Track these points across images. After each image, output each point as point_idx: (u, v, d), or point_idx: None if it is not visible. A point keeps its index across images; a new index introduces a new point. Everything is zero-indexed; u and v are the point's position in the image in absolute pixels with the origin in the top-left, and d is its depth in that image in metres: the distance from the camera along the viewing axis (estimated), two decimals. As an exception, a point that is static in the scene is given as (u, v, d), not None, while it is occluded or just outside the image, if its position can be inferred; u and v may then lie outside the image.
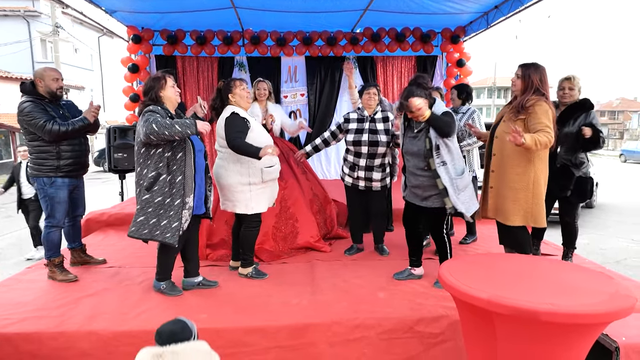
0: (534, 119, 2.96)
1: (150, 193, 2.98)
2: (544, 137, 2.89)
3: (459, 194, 3.17)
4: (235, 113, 3.30)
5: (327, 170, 8.17)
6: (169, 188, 2.99)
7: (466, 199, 3.22)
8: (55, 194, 3.48)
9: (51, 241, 3.53)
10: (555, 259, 3.65)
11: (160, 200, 2.99)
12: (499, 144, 3.17)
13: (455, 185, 3.16)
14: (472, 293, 1.91)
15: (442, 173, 3.14)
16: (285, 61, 7.71)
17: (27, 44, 21.68)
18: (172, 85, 3.12)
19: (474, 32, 7.28)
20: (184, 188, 3.00)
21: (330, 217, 4.70)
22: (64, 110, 3.57)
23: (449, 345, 2.78)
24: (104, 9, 6.22)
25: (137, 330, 2.69)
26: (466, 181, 3.25)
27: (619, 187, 13.99)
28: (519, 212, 3.08)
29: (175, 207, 2.99)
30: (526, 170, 3.06)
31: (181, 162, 3.01)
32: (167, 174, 2.98)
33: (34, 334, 2.67)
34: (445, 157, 3.14)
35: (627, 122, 46.34)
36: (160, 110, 3.00)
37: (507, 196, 3.11)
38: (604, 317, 1.80)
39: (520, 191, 3.07)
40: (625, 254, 6.78)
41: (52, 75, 3.47)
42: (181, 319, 2.01)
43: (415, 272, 3.54)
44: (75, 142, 3.56)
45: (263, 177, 3.40)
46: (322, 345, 2.73)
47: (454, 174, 3.16)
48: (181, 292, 3.20)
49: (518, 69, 3.10)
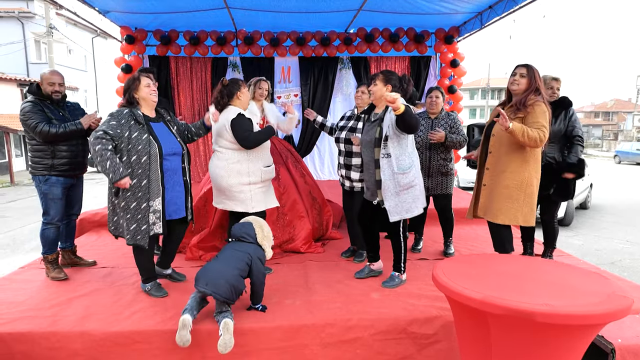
0: (531, 118, 2.99)
1: (118, 198, 3.02)
2: (534, 131, 2.92)
3: (399, 191, 3.14)
4: (241, 114, 3.34)
5: (321, 171, 8.17)
6: (133, 192, 2.99)
7: (408, 199, 3.17)
8: (49, 191, 3.53)
9: (47, 238, 3.58)
10: (551, 260, 3.65)
11: (125, 205, 3.01)
12: (496, 142, 3.17)
13: (395, 180, 3.13)
14: (466, 293, 1.89)
15: (383, 164, 3.14)
16: (279, 62, 7.70)
17: (21, 45, 21.57)
18: (146, 85, 3.10)
19: (467, 33, 7.29)
20: (149, 191, 2.99)
21: (326, 221, 4.68)
22: (64, 111, 3.64)
23: (442, 346, 2.77)
24: (98, 9, 6.19)
25: (129, 331, 2.68)
26: (410, 180, 3.16)
27: (614, 188, 14.06)
28: (509, 211, 3.10)
29: (142, 211, 3.00)
30: (521, 170, 3.08)
31: (146, 166, 2.98)
32: (132, 179, 2.97)
33: (27, 333, 2.66)
34: (391, 150, 3.12)
35: (622, 123, 46.63)
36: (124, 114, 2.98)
37: (499, 194, 3.12)
38: (601, 318, 1.78)
39: (513, 190, 3.08)
40: (620, 255, 6.80)
41: (49, 79, 3.56)
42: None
43: (374, 267, 3.56)
44: (72, 142, 3.59)
45: (262, 176, 3.42)
46: (315, 347, 2.71)
47: (397, 169, 3.12)
48: (166, 293, 3.19)
49: (521, 68, 3.10)
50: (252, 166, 3.37)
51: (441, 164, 4.03)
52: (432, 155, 4.03)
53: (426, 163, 4.01)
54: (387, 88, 3.20)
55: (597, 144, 41.52)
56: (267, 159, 3.51)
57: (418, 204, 3.23)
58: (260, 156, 3.43)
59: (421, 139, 4.04)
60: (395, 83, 3.22)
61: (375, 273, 3.55)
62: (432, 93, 4.11)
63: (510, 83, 3.15)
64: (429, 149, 4.03)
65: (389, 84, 3.20)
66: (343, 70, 7.87)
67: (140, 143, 2.96)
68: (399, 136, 3.11)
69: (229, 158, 3.35)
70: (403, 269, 3.37)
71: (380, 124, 3.20)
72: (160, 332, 2.67)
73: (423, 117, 4.17)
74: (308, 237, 4.28)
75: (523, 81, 3.08)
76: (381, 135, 3.15)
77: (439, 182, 4.06)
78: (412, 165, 3.18)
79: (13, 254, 6.90)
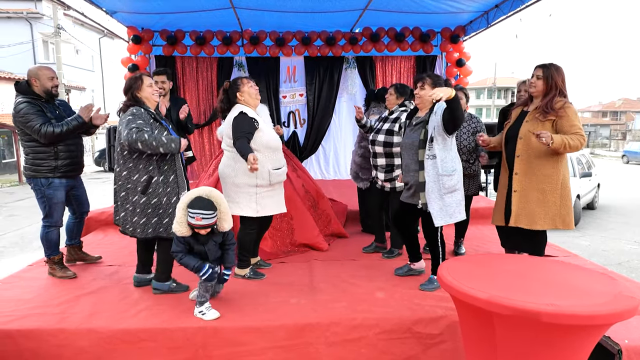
0: (566, 122, 2.94)
1: (146, 196, 3.04)
2: (575, 140, 2.87)
3: (443, 194, 3.10)
4: (244, 113, 3.27)
5: (326, 171, 8.17)
6: (164, 188, 3.07)
7: (452, 203, 3.13)
8: (53, 195, 3.50)
9: (50, 240, 3.57)
10: (557, 260, 3.62)
11: (157, 202, 3.06)
12: (524, 146, 3.09)
13: (440, 183, 3.09)
14: (472, 293, 1.88)
15: (428, 166, 3.11)
16: (284, 61, 7.70)
17: (29, 46, 21.75)
18: (149, 85, 3.12)
19: (474, 32, 7.25)
20: (177, 185, 3.12)
21: (325, 211, 4.68)
22: (60, 110, 3.58)
23: (447, 346, 2.76)
24: (105, 9, 6.23)
25: (136, 329, 2.69)
26: (454, 184, 3.14)
27: (621, 189, 13.95)
28: (547, 215, 3.03)
29: (173, 205, 3.05)
30: (555, 172, 3.02)
31: (171, 162, 3.11)
32: (159, 175, 3.05)
33: (35, 330, 2.69)
34: (437, 152, 3.09)
35: (630, 123, 46.23)
36: (143, 113, 3.03)
37: (534, 199, 3.04)
38: (607, 319, 1.77)
39: (549, 193, 3.02)
40: (627, 255, 6.75)
41: (47, 74, 3.47)
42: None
43: (415, 266, 3.55)
44: (71, 142, 3.56)
45: (271, 179, 3.36)
46: (320, 346, 2.71)
47: (442, 171, 3.09)
48: (187, 287, 3.23)
49: (537, 70, 3.07)
50: (259, 168, 3.28)
51: (464, 166, 3.93)
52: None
53: None
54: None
55: (605, 143, 41.16)
56: (276, 162, 3.40)
57: (461, 209, 3.18)
58: (269, 158, 3.35)
59: None
60: (442, 85, 3.16)
61: (416, 272, 3.53)
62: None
63: (528, 85, 3.11)
64: None
65: (437, 87, 3.12)
66: (348, 69, 7.86)
67: None
68: (444, 138, 3.10)
69: (236, 157, 3.30)
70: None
71: (424, 126, 3.15)
72: (166, 330, 2.68)
73: None
74: (311, 227, 4.28)
75: (539, 83, 3.05)
76: (426, 137, 3.12)
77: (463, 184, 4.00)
78: (455, 169, 3.15)
79: (21, 252, 6.97)
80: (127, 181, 3.05)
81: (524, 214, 3.09)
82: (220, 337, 2.67)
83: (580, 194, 8.93)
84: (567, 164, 3.09)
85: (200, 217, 2.68)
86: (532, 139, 2.99)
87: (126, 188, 3.06)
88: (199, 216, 2.68)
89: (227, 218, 2.84)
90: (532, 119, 3.07)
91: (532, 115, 3.10)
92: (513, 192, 3.14)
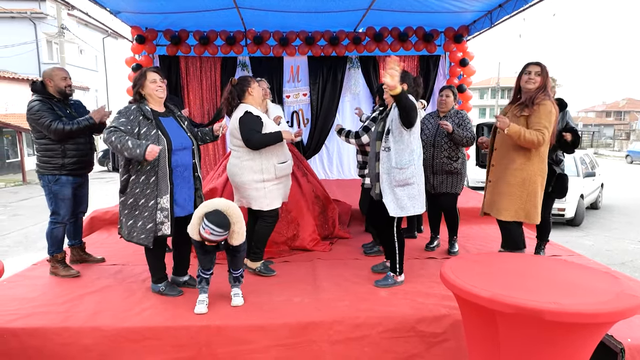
0: (535, 118, 3.05)
1: (124, 195, 3.00)
2: (533, 134, 2.98)
3: (394, 186, 3.14)
4: (249, 112, 3.32)
5: (329, 170, 8.18)
6: (142, 189, 2.95)
7: (404, 196, 3.14)
8: (59, 191, 3.55)
9: (55, 237, 3.61)
10: (560, 259, 3.62)
11: (133, 202, 2.97)
12: (501, 139, 3.21)
13: (391, 175, 3.14)
14: (475, 291, 1.89)
15: (382, 157, 3.18)
16: (288, 61, 7.72)
17: (33, 46, 21.86)
18: (152, 81, 3.03)
19: (477, 31, 7.24)
20: (157, 188, 2.94)
21: (331, 218, 4.69)
22: (71, 109, 3.66)
23: (450, 345, 2.77)
24: (109, 9, 6.26)
25: (140, 327, 2.71)
26: (407, 178, 3.13)
27: (625, 189, 13.90)
28: (511, 207, 3.15)
29: (149, 209, 2.95)
30: (523, 167, 3.12)
31: (154, 162, 2.92)
32: (138, 175, 2.94)
33: (40, 329, 2.70)
34: (391, 144, 3.14)
35: (634, 123, 45.96)
36: (132, 110, 2.95)
37: (502, 191, 3.18)
38: (609, 317, 1.77)
39: (514, 187, 3.14)
40: (631, 255, 6.73)
41: (60, 74, 3.58)
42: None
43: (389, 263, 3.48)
44: (81, 140, 3.62)
45: (276, 173, 3.43)
46: (324, 344, 2.72)
47: (395, 164, 3.12)
48: (181, 292, 3.19)
49: (536, 67, 3.11)
50: (265, 163, 3.37)
51: (444, 162, 3.99)
52: (435, 153, 4.01)
53: (430, 161, 4.01)
54: (403, 87, 3.16)
55: (609, 143, 41.00)
56: (281, 155, 3.47)
57: (415, 203, 3.19)
58: (274, 152, 3.41)
59: (426, 137, 4.04)
60: (411, 82, 3.27)
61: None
62: (443, 92, 4.12)
63: (526, 82, 3.12)
64: (433, 146, 4.03)
65: (405, 83, 3.21)
66: (352, 69, 7.87)
67: (149, 139, 2.91)
68: (401, 131, 3.12)
69: (242, 156, 3.37)
70: (399, 270, 3.31)
71: (385, 118, 3.24)
72: (170, 328, 2.70)
73: (432, 116, 4.18)
74: (313, 234, 4.30)
75: (538, 79, 3.10)
76: (384, 129, 3.19)
77: (443, 181, 4.04)
78: (411, 163, 3.15)
79: (25, 252, 7.01)
80: (138, 158, 2.89)
81: (493, 203, 3.26)
82: (224, 336, 2.68)
83: (584, 194, 8.91)
84: (543, 162, 3.16)
85: (210, 231, 2.67)
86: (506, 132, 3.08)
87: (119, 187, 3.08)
88: (209, 229, 2.67)
89: (239, 237, 2.82)
90: (512, 114, 3.18)
91: (510, 109, 3.22)
92: (488, 182, 3.33)
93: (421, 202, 3.24)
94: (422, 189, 3.25)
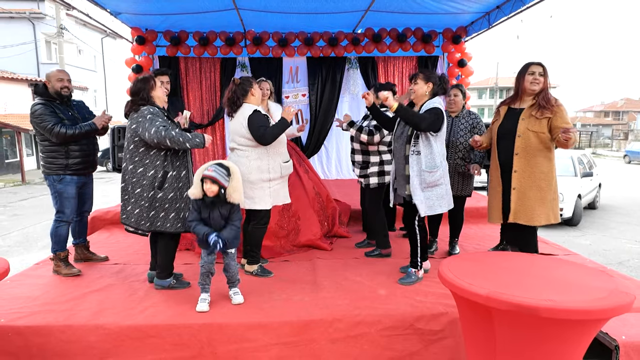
0: (560, 119, 3.03)
1: (162, 191, 3.14)
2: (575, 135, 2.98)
3: (424, 188, 3.22)
4: (257, 110, 3.40)
5: (328, 170, 8.21)
6: (177, 183, 3.19)
7: (432, 197, 3.24)
8: (63, 190, 3.61)
9: (59, 235, 3.66)
10: (555, 257, 3.66)
11: (173, 196, 3.18)
12: (523, 143, 3.13)
13: (421, 178, 3.20)
14: (471, 289, 1.93)
15: (412, 161, 3.23)
16: (287, 62, 7.75)
17: (32, 46, 21.84)
18: (160, 85, 3.27)
19: (475, 32, 7.28)
20: (188, 181, 3.23)
21: (331, 216, 4.73)
22: (73, 111, 3.71)
23: (448, 342, 2.81)
24: (109, 10, 6.28)
25: (143, 325, 2.74)
26: (436, 180, 3.21)
27: (623, 188, 13.96)
28: (544, 212, 3.12)
29: (185, 199, 3.20)
30: (550, 169, 3.12)
31: (183, 158, 3.25)
32: (173, 170, 3.17)
33: (43, 327, 2.74)
34: (421, 148, 3.20)
35: (632, 123, 46.10)
36: (159, 112, 3.15)
37: (535, 197, 3.12)
38: (603, 313, 1.81)
39: (546, 190, 3.11)
40: (628, 255, 6.78)
41: (57, 75, 3.62)
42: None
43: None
44: (84, 141, 3.68)
45: (282, 172, 3.52)
46: (323, 342, 2.76)
47: (424, 167, 3.19)
48: (189, 284, 3.32)
49: (538, 67, 3.13)
50: (272, 162, 3.45)
51: (458, 163, 3.98)
52: (449, 154, 3.94)
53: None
54: (429, 86, 3.27)
55: (607, 143, 41.09)
56: (285, 155, 3.58)
57: (442, 202, 3.28)
58: (279, 152, 3.50)
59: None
60: (436, 81, 3.30)
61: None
62: (452, 91, 4.04)
63: (531, 83, 3.12)
64: (447, 147, 3.95)
65: (430, 82, 3.27)
66: (351, 70, 7.91)
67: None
68: (427, 136, 3.19)
69: (249, 155, 3.41)
70: (420, 265, 3.40)
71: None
72: (172, 326, 2.73)
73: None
74: (315, 228, 4.34)
75: (542, 80, 3.11)
76: (412, 132, 3.23)
77: (454, 183, 3.97)
78: (439, 166, 3.23)
79: (26, 252, 7.03)
80: (142, 178, 3.12)
81: (522, 210, 3.16)
82: (225, 334, 2.72)
83: (582, 194, 8.96)
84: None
85: (212, 169, 2.83)
86: (531, 137, 3.07)
87: (141, 184, 3.13)
88: (211, 168, 2.83)
89: (237, 192, 2.94)
90: (528, 116, 3.12)
91: (527, 113, 3.14)
92: (512, 189, 3.19)
93: (448, 201, 3.34)
94: (449, 188, 3.35)
